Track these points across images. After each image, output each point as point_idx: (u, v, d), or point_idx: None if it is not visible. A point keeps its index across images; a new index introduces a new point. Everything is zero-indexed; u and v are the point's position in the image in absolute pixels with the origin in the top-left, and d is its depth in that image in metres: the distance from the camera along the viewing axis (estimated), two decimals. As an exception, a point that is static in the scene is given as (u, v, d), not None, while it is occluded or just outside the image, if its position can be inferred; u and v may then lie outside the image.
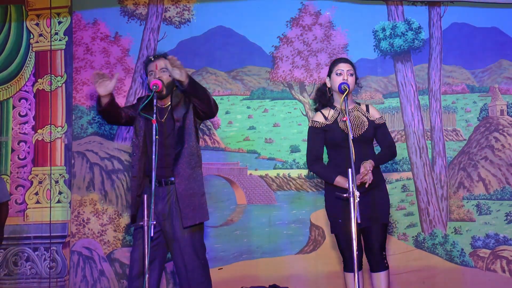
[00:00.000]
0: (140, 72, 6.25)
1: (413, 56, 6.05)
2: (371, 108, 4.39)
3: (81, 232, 6.15)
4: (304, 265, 5.90)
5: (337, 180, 4.16)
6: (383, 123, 4.35)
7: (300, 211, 5.98)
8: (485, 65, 6.01)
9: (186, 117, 4.16)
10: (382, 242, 4.24)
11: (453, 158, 5.93)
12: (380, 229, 4.23)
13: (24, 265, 6.20)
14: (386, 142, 4.35)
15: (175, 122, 4.14)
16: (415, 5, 6.09)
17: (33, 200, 6.27)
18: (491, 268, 5.76)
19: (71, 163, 6.24)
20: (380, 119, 4.35)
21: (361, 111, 4.33)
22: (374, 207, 4.19)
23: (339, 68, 4.27)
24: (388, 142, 4.35)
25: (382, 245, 4.25)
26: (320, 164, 4.31)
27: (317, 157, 4.32)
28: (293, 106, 6.14)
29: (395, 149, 4.41)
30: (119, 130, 6.22)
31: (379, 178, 4.29)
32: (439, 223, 5.86)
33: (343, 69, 4.25)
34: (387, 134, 4.38)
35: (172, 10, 6.32)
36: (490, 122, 5.94)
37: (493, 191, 5.85)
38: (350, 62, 4.34)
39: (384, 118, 4.41)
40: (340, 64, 4.29)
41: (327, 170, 4.27)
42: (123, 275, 6.05)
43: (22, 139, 6.36)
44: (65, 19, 6.42)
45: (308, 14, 6.19)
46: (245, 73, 6.22)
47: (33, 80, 6.40)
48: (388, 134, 4.40)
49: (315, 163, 4.31)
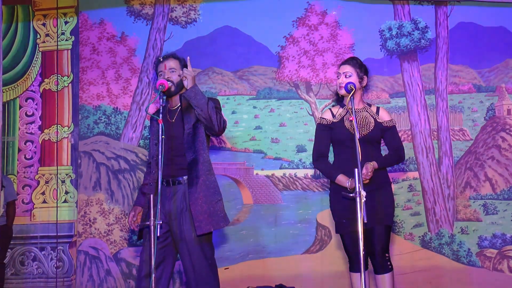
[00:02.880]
0: (147, 72, 6.26)
1: (420, 56, 6.04)
2: (381, 110, 4.36)
3: (87, 232, 6.16)
4: (310, 265, 5.90)
5: (338, 178, 4.17)
6: (392, 126, 4.32)
7: (307, 211, 5.98)
8: (492, 64, 5.99)
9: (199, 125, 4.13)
10: (384, 244, 4.21)
11: (459, 158, 5.92)
12: (382, 231, 4.20)
13: (31, 264, 6.22)
14: (394, 145, 4.32)
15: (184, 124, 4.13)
16: (422, 4, 6.08)
17: (39, 199, 6.29)
18: (498, 268, 5.74)
19: (77, 163, 6.25)
20: (389, 122, 4.31)
21: (370, 112, 4.31)
22: (377, 208, 4.17)
23: (338, 70, 4.36)
24: (395, 145, 4.32)
25: (384, 247, 4.21)
26: (324, 161, 4.32)
27: (322, 154, 4.33)
28: (299, 106, 6.14)
29: (403, 152, 4.36)
30: (125, 130, 6.23)
31: (383, 180, 4.26)
32: (445, 223, 5.84)
33: (340, 72, 4.31)
34: (395, 137, 4.34)
35: (178, 10, 6.32)
36: (497, 122, 5.92)
37: (500, 191, 5.83)
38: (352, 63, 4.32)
39: (394, 121, 4.35)
40: (341, 67, 4.35)
41: (330, 168, 4.28)
42: (129, 275, 6.06)
43: (28, 139, 6.37)
44: (72, 19, 6.44)
45: (314, 13, 6.19)
46: (251, 73, 6.22)
47: (40, 80, 6.41)
48: (397, 137, 4.36)
49: (319, 160, 4.33)
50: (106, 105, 6.30)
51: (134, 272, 6.05)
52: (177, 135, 4.13)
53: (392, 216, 4.27)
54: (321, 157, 4.33)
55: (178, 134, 4.13)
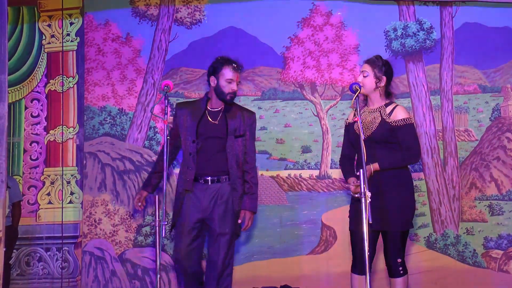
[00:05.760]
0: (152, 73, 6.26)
1: (425, 56, 6.03)
2: (396, 110, 4.24)
3: (92, 233, 6.17)
4: (315, 266, 5.90)
5: (348, 181, 4.23)
6: (403, 125, 4.17)
7: (312, 211, 5.97)
8: (497, 65, 5.98)
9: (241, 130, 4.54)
10: (396, 249, 4.16)
11: (465, 159, 5.91)
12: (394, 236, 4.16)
13: (36, 265, 6.23)
14: (404, 144, 4.18)
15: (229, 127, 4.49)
16: (427, 5, 6.07)
17: (45, 200, 6.30)
18: (503, 269, 5.73)
19: (83, 164, 6.26)
20: (400, 121, 4.18)
21: (382, 113, 4.24)
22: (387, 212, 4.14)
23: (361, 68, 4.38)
24: (406, 145, 4.17)
25: (396, 253, 4.16)
26: (344, 162, 4.44)
27: (344, 155, 4.46)
28: (304, 106, 6.14)
29: (416, 151, 4.20)
30: (131, 131, 6.24)
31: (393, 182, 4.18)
32: (451, 223, 5.84)
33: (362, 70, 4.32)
34: (405, 137, 4.18)
35: (183, 11, 6.33)
36: (502, 122, 5.91)
37: (505, 192, 5.82)
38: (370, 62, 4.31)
39: (408, 120, 4.20)
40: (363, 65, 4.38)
41: (344, 170, 4.39)
42: (134, 275, 6.07)
43: (34, 140, 6.39)
44: (77, 20, 6.45)
45: (319, 14, 6.19)
46: (256, 74, 6.22)
47: (45, 81, 6.43)
48: (407, 136, 4.19)
49: (341, 161, 4.48)
50: (111, 106, 6.31)
51: (139, 272, 6.06)
52: (220, 136, 4.47)
53: (403, 222, 4.18)
54: (343, 158, 4.46)
55: (222, 135, 4.47)
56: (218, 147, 4.49)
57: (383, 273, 4.59)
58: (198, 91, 6.22)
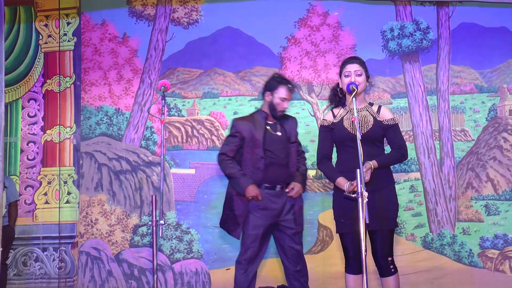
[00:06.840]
0: (149, 73, 6.25)
1: (421, 57, 6.04)
2: (382, 109, 4.34)
3: (89, 233, 6.17)
4: (312, 265, 5.88)
5: (337, 181, 4.19)
6: (393, 125, 4.29)
7: (308, 211, 5.96)
8: (494, 65, 6.00)
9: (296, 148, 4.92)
10: (387, 247, 4.18)
11: (461, 159, 5.92)
12: (385, 235, 4.19)
13: (33, 265, 6.22)
14: (396, 143, 4.28)
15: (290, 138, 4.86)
16: (424, 5, 6.08)
17: (42, 200, 6.30)
18: (499, 269, 5.74)
19: (79, 164, 6.26)
20: (390, 120, 4.29)
21: (370, 111, 4.30)
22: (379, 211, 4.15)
23: (347, 69, 4.28)
24: (397, 144, 4.28)
25: (387, 251, 4.19)
26: (326, 163, 4.34)
27: (324, 156, 4.36)
28: (301, 106, 6.14)
29: (405, 151, 4.31)
30: (127, 131, 6.24)
31: (386, 180, 4.24)
32: (447, 223, 5.85)
33: (350, 70, 4.26)
34: (397, 136, 4.30)
35: (180, 11, 6.33)
36: (499, 122, 5.92)
37: (501, 192, 5.83)
38: (359, 62, 4.33)
39: (396, 120, 4.33)
40: (348, 66, 4.30)
41: (331, 170, 4.31)
42: (131, 276, 6.06)
43: (31, 140, 6.38)
44: (74, 20, 6.45)
45: (316, 14, 6.19)
46: (253, 74, 6.22)
47: (42, 81, 6.43)
48: (399, 135, 4.32)
49: (322, 162, 4.37)
50: (108, 106, 6.31)
51: (136, 272, 6.06)
52: (283, 147, 4.82)
53: (394, 219, 4.24)
54: (324, 159, 4.36)
55: (285, 146, 4.84)
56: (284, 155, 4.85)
57: (373, 274, 4.58)
58: (195, 91, 6.22)
